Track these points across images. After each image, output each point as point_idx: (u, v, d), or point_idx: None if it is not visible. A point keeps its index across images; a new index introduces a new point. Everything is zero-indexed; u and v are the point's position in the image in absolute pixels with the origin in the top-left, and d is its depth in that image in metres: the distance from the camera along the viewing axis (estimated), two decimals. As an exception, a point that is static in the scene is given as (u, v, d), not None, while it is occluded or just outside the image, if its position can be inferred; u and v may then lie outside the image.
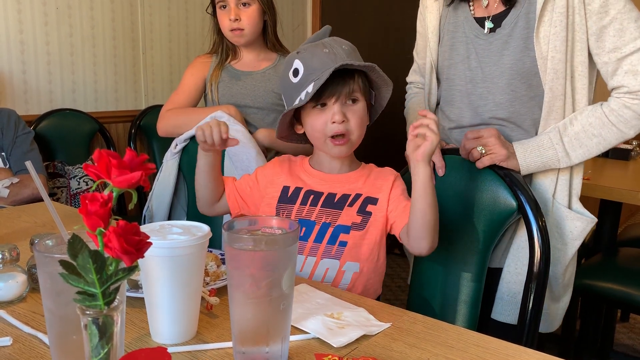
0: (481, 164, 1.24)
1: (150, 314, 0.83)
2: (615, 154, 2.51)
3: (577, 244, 1.31)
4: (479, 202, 1.26)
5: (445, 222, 1.32)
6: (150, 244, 0.53)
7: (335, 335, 0.83)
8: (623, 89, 1.20)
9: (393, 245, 1.45)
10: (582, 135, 1.23)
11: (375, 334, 0.86)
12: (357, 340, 0.83)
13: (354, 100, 1.15)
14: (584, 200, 1.34)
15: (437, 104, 1.44)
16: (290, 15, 3.40)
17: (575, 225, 1.29)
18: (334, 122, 1.14)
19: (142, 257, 0.53)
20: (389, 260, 1.30)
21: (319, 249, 1.18)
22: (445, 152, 1.34)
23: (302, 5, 3.49)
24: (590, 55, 1.23)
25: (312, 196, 1.20)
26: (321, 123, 1.15)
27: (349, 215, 1.17)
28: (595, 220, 1.31)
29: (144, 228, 0.84)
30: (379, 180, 1.21)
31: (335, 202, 1.19)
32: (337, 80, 1.12)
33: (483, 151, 1.23)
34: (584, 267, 1.99)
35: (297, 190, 1.22)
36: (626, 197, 1.92)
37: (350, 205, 1.18)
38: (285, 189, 1.23)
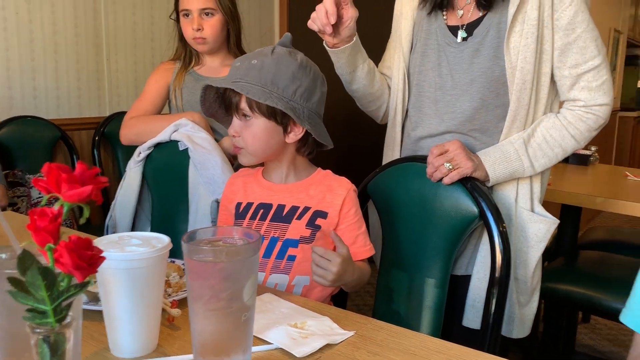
0: (450, 179, 1.25)
1: (109, 327, 0.81)
2: (575, 160, 2.58)
3: (541, 246, 1.34)
4: (442, 209, 1.28)
5: (410, 228, 1.33)
6: (104, 258, 0.52)
7: (298, 345, 0.83)
8: (579, 102, 1.26)
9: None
10: (545, 146, 1.27)
11: (339, 343, 0.86)
12: (321, 349, 0.83)
13: (246, 116, 1.14)
14: (546, 205, 1.38)
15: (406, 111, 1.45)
16: (258, 21, 3.40)
17: (538, 227, 1.32)
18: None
19: (95, 272, 0.52)
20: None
21: (267, 264, 1.17)
22: (411, 160, 1.36)
23: (269, 11, 3.49)
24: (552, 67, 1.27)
25: (261, 210, 1.19)
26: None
27: (297, 229, 1.17)
28: (557, 221, 1.35)
29: (102, 240, 0.83)
30: (330, 194, 1.19)
31: (283, 216, 1.18)
32: (233, 94, 1.14)
33: (450, 167, 1.24)
34: (546, 271, 2.03)
35: (248, 205, 1.21)
36: (585, 202, 1.97)
37: (299, 218, 1.17)
38: (238, 205, 1.23)
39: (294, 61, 1.12)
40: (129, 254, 0.77)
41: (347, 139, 3.27)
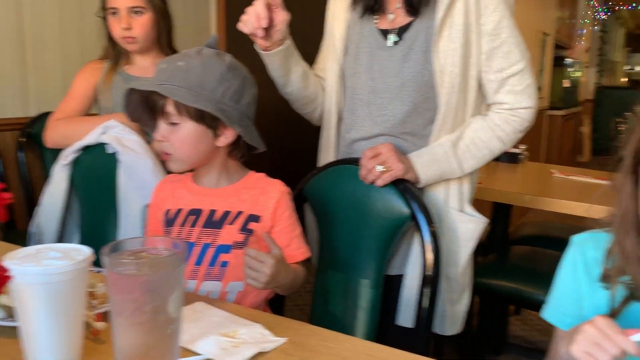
0: (382, 181, 1.26)
1: (27, 344, 0.77)
2: (506, 158, 2.68)
3: (471, 244, 1.38)
4: (375, 211, 1.29)
5: (344, 230, 1.34)
6: (9, 278, 0.49)
7: (229, 355, 0.82)
8: (505, 105, 1.30)
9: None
10: (473, 148, 1.31)
11: (270, 351, 0.85)
12: (252, 358, 0.82)
13: (174, 120, 1.10)
14: (478, 203, 1.42)
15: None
16: (193, 18, 3.33)
17: (468, 227, 1.36)
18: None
19: (1, 293, 0.49)
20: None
21: (199, 271, 1.14)
22: (346, 162, 1.37)
23: (205, 8, 3.42)
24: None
25: (192, 216, 1.17)
26: None
27: (229, 234, 1.15)
28: (486, 220, 1.39)
29: (18, 253, 0.78)
30: (263, 197, 1.18)
31: (215, 221, 1.16)
32: (158, 97, 1.10)
33: (383, 169, 1.26)
34: (479, 267, 2.10)
35: (178, 211, 1.18)
36: (514, 200, 2.05)
37: (231, 223, 1.15)
38: (167, 212, 1.20)
39: (222, 63, 1.10)
40: (45, 268, 0.73)
41: (284, 140, 3.25)
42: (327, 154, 1.46)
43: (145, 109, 1.16)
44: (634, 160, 0.82)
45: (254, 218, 1.16)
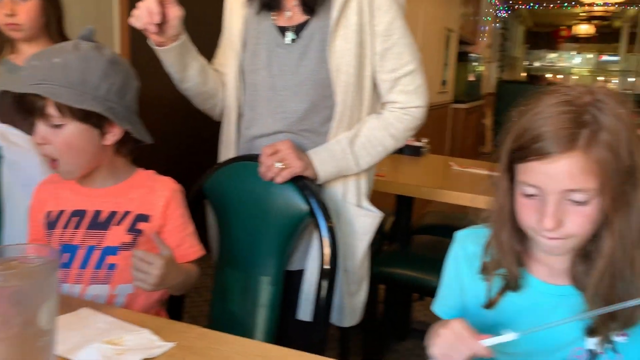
0: (281, 178, 1.27)
1: None
2: (409, 151, 2.77)
3: (367, 238, 1.42)
4: (275, 208, 1.30)
5: (244, 227, 1.34)
6: None
7: (112, 363, 0.79)
8: (397, 104, 1.34)
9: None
10: (368, 145, 1.34)
11: (157, 357, 0.83)
12: (137, 365, 0.80)
13: (56, 122, 1.04)
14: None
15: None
16: (94, 5, 3.16)
17: (365, 221, 1.40)
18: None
19: None
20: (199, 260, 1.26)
21: (84, 275, 1.10)
22: (246, 159, 1.36)
23: (107, -6, 3.25)
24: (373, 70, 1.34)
25: (75, 218, 1.12)
26: None
27: (116, 235, 1.11)
28: (382, 214, 1.43)
29: None
30: (152, 195, 1.14)
31: (101, 222, 1.11)
32: (36, 98, 1.02)
33: (282, 166, 1.26)
34: (383, 257, 2.18)
35: (60, 213, 1.13)
36: (414, 192, 2.13)
37: (118, 224, 1.11)
38: (48, 214, 1.14)
39: (102, 57, 1.05)
40: None
41: (184, 135, 3.14)
42: (227, 150, 1.44)
43: (19, 109, 1.07)
44: (508, 160, 0.87)
45: (143, 218, 1.12)
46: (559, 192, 0.78)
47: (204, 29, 1.73)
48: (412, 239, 2.41)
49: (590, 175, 0.77)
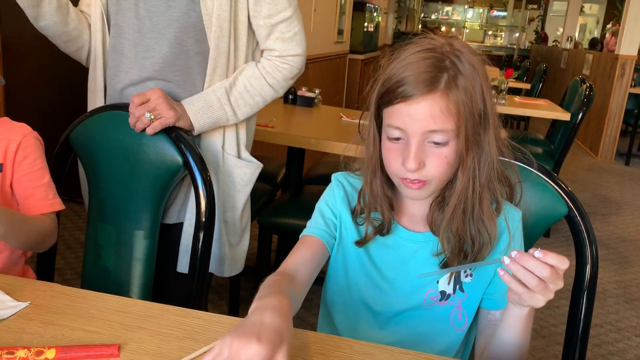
0: (152, 130, 1.21)
1: None
2: (302, 102, 2.77)
3: (247, 189, 1.41)
4: (147, 160, 1.25)
5: (115, 180, 1.28)
6: None
7: (-48, 328, 0.74)
8: (274, 52, 1.31)
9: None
10: (246, 95, 1.31)
11: (9, 317, 0.79)
12: (-16, 327, 0.75)
13: None
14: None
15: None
16: None
17: (244, 172, 1.39)
18: None
19: None
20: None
21: None
22: (115, 108, 1.28)
23: None
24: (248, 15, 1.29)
25: None
26: None
27: None
28: (261, 165, 1.42)
29: None
30: (3, 143, 1.06)
31: None
32: None
33: (152, 117, 1.20)
34: (273, 207, 2.19)
35: None
36: (303, 143, 2.14)
37: None
38: None
39: None
40: None
41: (55, 84, 2.91)
42: (95, 99, 1.36)
43: None
44: (376, 106, 0.89)
45: None
46: (421, 133, 0.82)
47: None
48: (303, 189, 2.44)
49: (449, 117, 0.81)
